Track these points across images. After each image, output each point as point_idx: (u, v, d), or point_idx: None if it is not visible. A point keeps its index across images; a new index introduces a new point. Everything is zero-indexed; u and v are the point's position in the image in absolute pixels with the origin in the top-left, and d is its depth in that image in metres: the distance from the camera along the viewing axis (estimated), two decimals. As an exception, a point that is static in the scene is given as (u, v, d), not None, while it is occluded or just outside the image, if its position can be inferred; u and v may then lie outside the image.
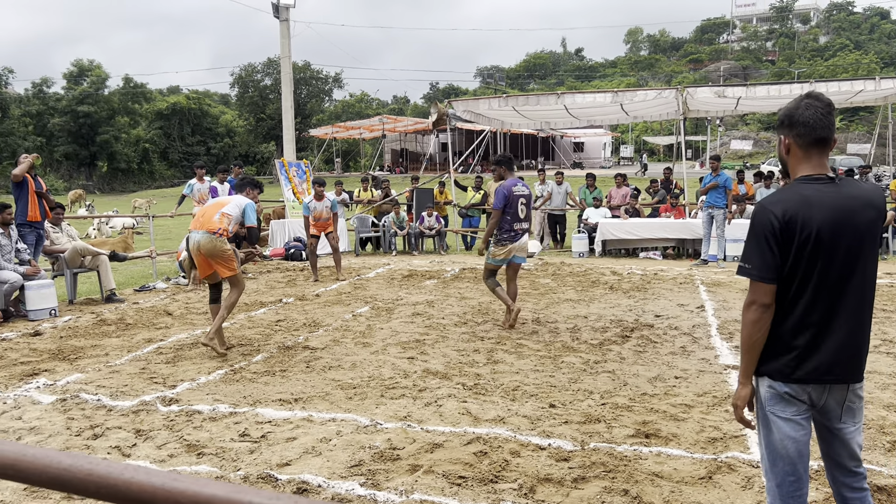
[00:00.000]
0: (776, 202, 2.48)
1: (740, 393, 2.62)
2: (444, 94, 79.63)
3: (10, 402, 5.22)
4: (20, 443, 1.00)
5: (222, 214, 6.53)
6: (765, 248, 2.45)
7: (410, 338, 7.14)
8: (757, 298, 2.49)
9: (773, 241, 2.44)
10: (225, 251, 6.46)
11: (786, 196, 2.49)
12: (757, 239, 2.48)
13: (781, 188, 2.64)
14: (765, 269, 2.46)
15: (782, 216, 2.43)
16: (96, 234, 19.65)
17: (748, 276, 2.51)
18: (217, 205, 6.73)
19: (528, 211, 7.64)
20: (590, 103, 15.37)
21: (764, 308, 2.49)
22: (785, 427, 2.52)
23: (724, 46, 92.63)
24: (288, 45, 18.52)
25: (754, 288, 2.49)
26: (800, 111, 2.54)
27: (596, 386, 5.42)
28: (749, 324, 2.51)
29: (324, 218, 11.55)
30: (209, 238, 6.41)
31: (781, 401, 2.52)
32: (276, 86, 51.96)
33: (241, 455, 4.13)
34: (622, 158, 55.65)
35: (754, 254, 2.49)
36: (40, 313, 8.47)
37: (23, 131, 53.88)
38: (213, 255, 6.44)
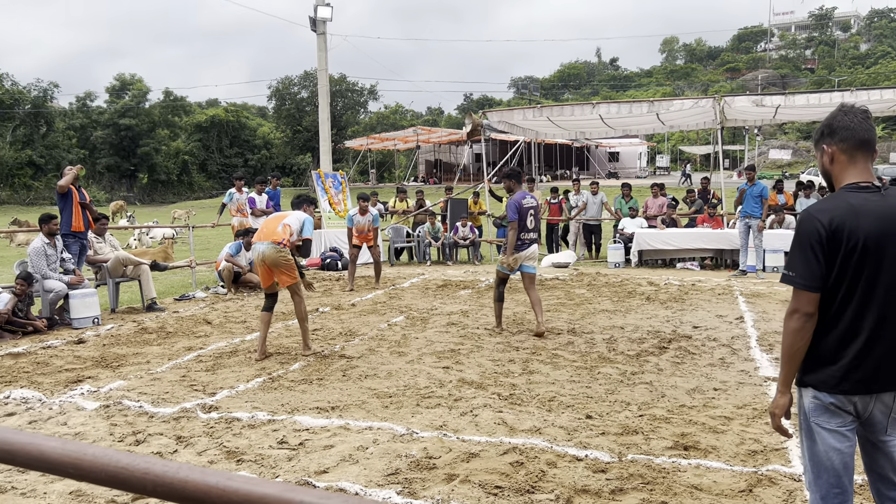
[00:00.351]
0: (823, 210, 2.45)
1: (779, 402, 2.59)
2: (478, 105, 79.84)
3: (55, 407, 5.34)
4: (81, 442, 1.04)
5: (284, 226, 6.91)
6: (810, 257, 2.43)
7: (445, 347, 7.16)
8: (800, 307, 2.46)
9: (818, 249, 2.41)
10: (287, 261, 6.81)
11: (832, 204, 2.46)
12: (802, 247, 2.46)
13: (828, 196, 2.60)
14: (809, 277, 2.43)
15: (829, 224, 2.40)
16: (137, 245, 20.03)
17: (792, 283, 2.48)
18: (278, 217, 7.11)
19: (535, 222, 8.00)
20: (626, 113, 15.29)
21: (807, 317, 2.45)
22: (830, 438, 2.48)
23: (761, 55, 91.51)
24: (325, 58, 18.74)
25: (798, 296, 2.46)
26: (838, 119, 2.53)
27: (633, 397, 5.38)
28: (791, 332, 2.48)
29: (366, 231, 11.99)
30: (273, 248, 6.75)
31: (826, 412, 2.49)
32: (313, 98, 52.60)
33: (280, 462, 4.18)
34: (658, 168, 55.16)
35: (799, 262, 2.46)
36: (84, 321, 8.66)
37: (67, 144, 55.22)
38: (276, 264, 6.78)
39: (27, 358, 7.04)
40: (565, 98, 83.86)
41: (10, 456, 1.05)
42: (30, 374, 6.37)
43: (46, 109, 54.96)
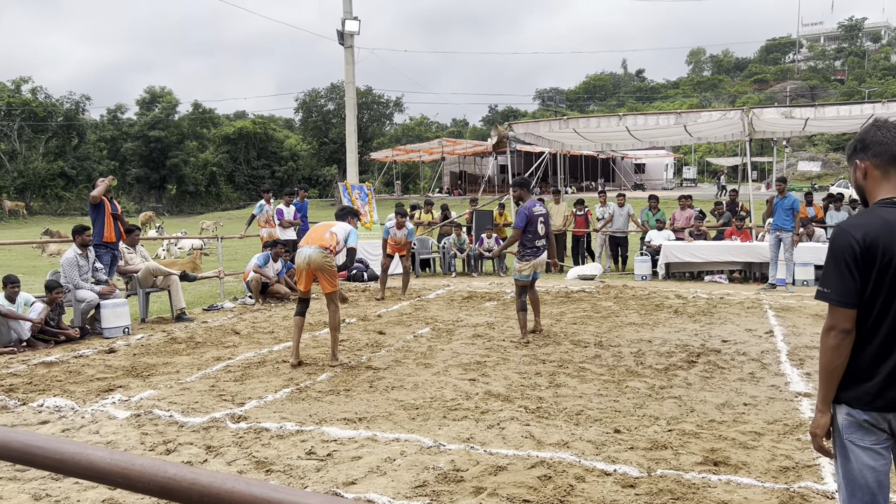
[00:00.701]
0: (856, 225, 2.43)
1: (819, 421, 2.54)
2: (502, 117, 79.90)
3: (87, 416, 5.42)
4: (129, 453, 1.07)
5: (332, 234, 7.15)
6: (844, 273, 2.40)
7: (471, 359, 7.16)
8: (836, 324, 2.43)
9: (853, 265, 2.38)
10: (332, 266, 7.05)
11: (866, 220, 2.44)
12: (836, 263, 2.43)
13: (861, 211, 2.58)
14: (845, 293, 2.40)
15: (863, 240, 2.38)
16: (165, 255, 20.27)
17: (827, 300, 2.45)
18: (326, 226, 7.37)
19: (546, 229, 8.28)
20: (653, 125, 15.24)
21: (844, 334, 2.42)
22: (864, 456, 2.44)
23: (790, 66, 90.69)
24: (352, 71, 18.89)
25: (834, 313, 2.43)
26: (871, 133, 2.51)
27: (662, 412, 5.34)
28: (828, 350, 2.44)
29: (401, 244, 12.29)
30: (320, 252, 6.96)
31: (860, 429, 2.45)
32: (339, 110, 53.04)
33: (308, 473, 4.20)
34: (685, 180, 54.79)
35: (833, 278, 2.43)
36: (115, 331, 8.78)
37: (98, 155, 56.18)
38: (321, 268, 6.98)
39: (60, 367, 7.15)
40: (591, 110, 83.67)
41: (61, 464, 1.08)
42: (62, 383, 6.47)
43: (78, 122, 56.01)
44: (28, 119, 52.55)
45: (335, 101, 58.27)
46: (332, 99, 59.57)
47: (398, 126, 69.27)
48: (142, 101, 59.53)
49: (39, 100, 54.03)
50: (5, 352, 7.80)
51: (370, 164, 55.83)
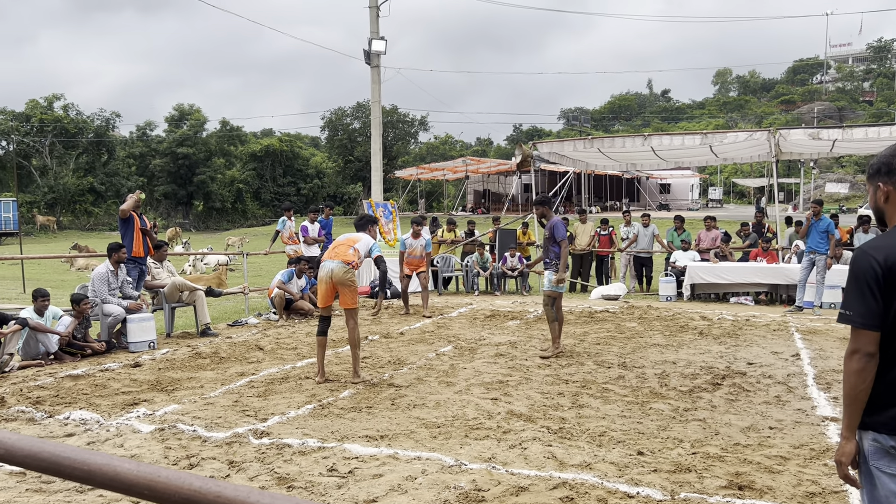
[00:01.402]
0: (878, 247, 2.41)
1: (844, 448, 2.48)
2: (527, 136, 79.98)
3: (112, 429, 5.47)
4: (155, 465, 1.08)
5: (354, 250, 7.23)
6: (867, 295, 2.37)
7: (494, 378, 7.13)
8: (860, 347, 2.39)
9: (875, 287, 2.36)
10: (353, 281, 7.13)
11: (887, 242, 2.42)
12: (858, 285, 2.40)
13: (884, 233, 2.55)
14: (868, 315, 2.37)
15: (884, 262, 2.36)
16: (191, 271, 20.48)
17: (850, 323, 2.41)
18: (349, 241, 7.37)
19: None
20: (678, 145, 15.17)
21: (868, 357, 2.38)
22: (890, 483, 2.39)
23: (817, 87, 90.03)
24: (378, 91, 19.06)
25: (857, 336, 2.40)
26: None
27: (686, 434, 5.28)
28: (853, 374, 2.40)
29: (416, 255, 12.05)
30: (343, 267, 7.04)
31: (886, 455, 2.40)
32: (365, 129, 53.43)
33: (330, 490, 4.20)
34: (711, 200, 54.41)
35: (856, 300, 2.40)
36: (140, 345, 8.87)
37: (127, 171, 57.06)
38: (342, 283, 7.03)
39: (86, 380, 7.23)
40: (616, 130, 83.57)
41: (88, 475, 1.10)
42: (88, 396, 6.54)
43: (108, 138, 56.98)
44: (59, 135, 53.56)
45: (361, 119, 58.75)
46: (357, 117, 60.06)
47: (423, 144, 69.58)
48: (171, 118, 60.44)
49: (71, 116, 55.07)
50: (33, 364, 7.91)
51: (395, 182, 56.11)
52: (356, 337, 7.14)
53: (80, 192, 53.34)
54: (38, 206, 50.53)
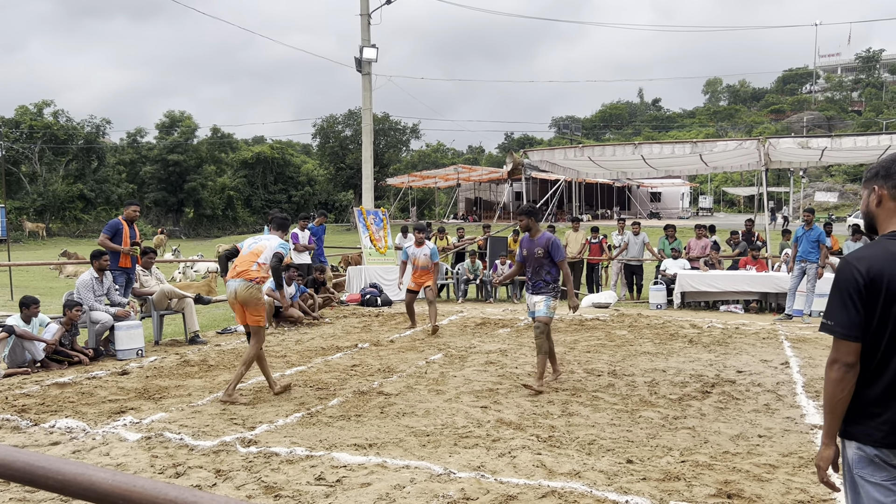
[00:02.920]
0: (861, 258, 2.42)
1: (823, 454, 2.52)
2: (518, 144, 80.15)
3: (98, 438, 5.42)
4: (131, 474, 1.06)
5: (259, 265, 6.76)
6: (849, 305, 2.39)
7: (483, 386, 7.11)
8: (840, 357, 2.41)
9: (857, 297, 2.37)
10: (258, 300, 6.73)
11: (871, 252, 2.43)
12: (841, 295, 2.42)
13: (867, 244, 2.56)
14: (849, 326, 2.39)
15: (867, 273, 2.36)
16: (181, 278, 20.38)
17: (831, 332, 2.44)
18: (253, 255, 6.85)
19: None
20: (668, 154, 15.23)
21: (847, 367, 2.40)
22: (874, 492, 2.40)
23: (807, 97, 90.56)
24: (369, 98, 19.06)
25: (837, 346, 2.42)
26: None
27: (675, 442, 5.28)
28: (832, 383, 2.43)
29: (421, 266, 10.96)
30: (245, 285, 6.65)
31: (871, 464, 2.41)
32: (356, 136, 53.38)
33: (317, 499, 4.17)
34: (701, 209, 54.60)
35: (837, 310, 2.42)
36: (128, 353, 8.81)
37: (117, 178, 56.79)
38: (246, 301, 6.66)
39: (73, 388, 7.17)
40: (607, 138, 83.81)
41: (63, 485, 1.08)
42: (75, 404, 6.48)
43: (98, 145, 56.70)
44: (49, 142, 53.28)
45: (352, 127, 58.68)
46: (349, 125, 59.99)
47: (414, 152, 69.60)
48: (161, 125, 60.21)
49: (61, 123, 54.77)
50: (19, 372, 7.83)
51: (386, 189, 56.09)
52: (252, 356, 6.72)
53: (69, 198, 53.03)
54: (27, 213, 50.21)
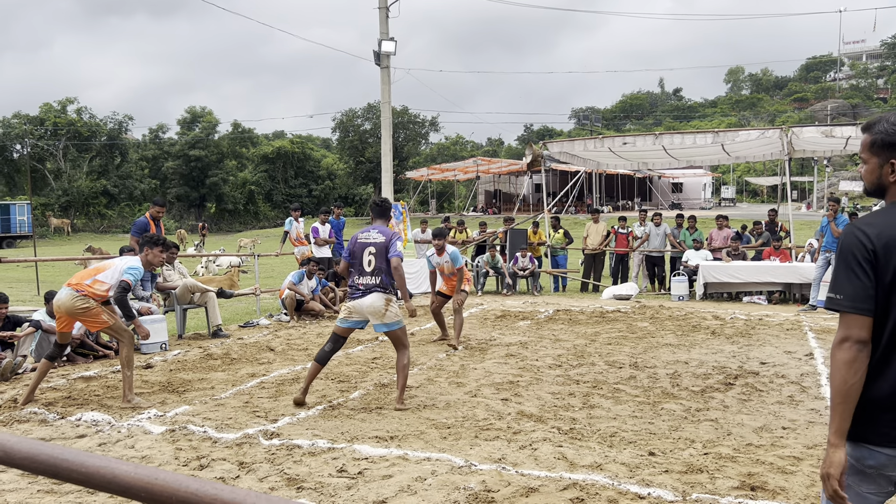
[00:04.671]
0: (870, 223, 2.15)
1: (833, 459, 2.11)
2: (538, 136, 79.85)
3: (123, 430, 5.49)
4: (153, 467, 1.07)
5: (95, 280, 6.33)
6: (858, 274, 2.09)
7: (504, 379, 7.11)
8: (850, 333, 2.09)
9: (866, 265, 2.09)
10: (84, 308, 6.25)
11: (881, 219, 2.17)
12: (847, 265, 2.12)
13: (878, 210, 2.29)
14: (858, 298, 2.08)
15: (877, 238, 2.10)
16: (203, 272, 20.55)
17: (839, 308, 2.12)
18: (100, 267, 6.51)
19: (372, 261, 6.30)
20: (690, 144, 15.10)
21: (860, 345, 2.08)
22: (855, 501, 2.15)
23: (830, 85, 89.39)
24: (388, 91, 19.07)
25: (847, 322, 2.10)
26: None
27: (698, 434, 5.25)
28: (843, 365, 2.09)
29: (447, 273, 9.57)
30: (71, 294, 6.25)
31: (859, 474, 2.15)
32: (376, 130, 53.50)
33: (339, 491, 4.20)
34: (723, 199, 54.14)
35: (844, 282, 2.12)
36: (152, 347, 8.89)
37: (139, 174, 57.42)
38: (71, 312, 6.28)
39: (98, 382, 7.26)
40: (627, 129, 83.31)
41: (86, 478, 1.09)
42: (100, 398, 6.56)
43: (121, 141, 57.33)
44: (73, 138, 53.93)
45: (372, 120, 58.85)
46: (368, 119, 60.15)
47: (433, 145, 69.63)
48: (183, 120, 60.75)
49: (84, 120, 55.46)
50: (46, 366, 7.93)
51: (405, 182, 56.18)
52: (126, 356, 6.39)
53: (93, 194, 53.70)
54: (52, 209, 50.88)
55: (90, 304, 6.25)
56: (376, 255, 6.21)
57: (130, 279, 6.31)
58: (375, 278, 6.19)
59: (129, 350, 6.45)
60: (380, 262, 6.19)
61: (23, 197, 48.73)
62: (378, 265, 6.20)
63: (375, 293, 6.16)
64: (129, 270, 6.35)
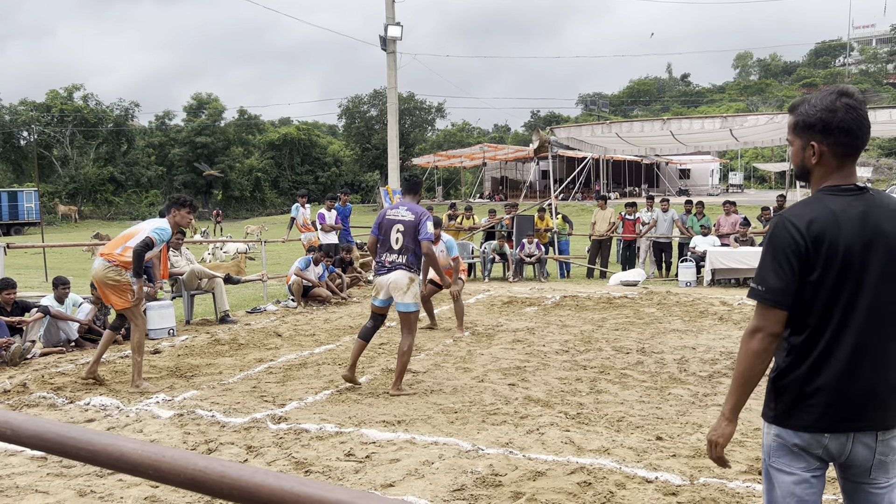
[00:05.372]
0: (800, 215, 2.14)
1: (724, 430, 2.28)
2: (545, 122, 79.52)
3: (132, 415, 5.51)
4: (159, 445, 1.06)
5: (125, 248, 6.36)
6: (785, 268, 2.11)
7: (511, 364, 7.11)
8: (766, 326, 2.15)
9: (794, 260, 2.10)
10: (116, 281, 6.28)
11: (810, 209, 2.15)
12: (774, 257, 2.14)
13: (804, 200, 2.26)
14: (780, 292, 2.12)
15: (808, 232, 2.10)
16: (211, 259, 20.59)
17: (760, 299, 2.16)
18: (128, 235, 6.53)
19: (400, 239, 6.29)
20: (697, 129, 15.03)
21: (772, 338, 2.15)
22: (789, 484, 2.20)
23: (840, 70, 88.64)
24: (394, 77, 19.02)
25: (763, 313, 2.15)
26: (839, 116, 2.16)
27: (705, 419, 5.24)
28: (751, 354, 2.17)
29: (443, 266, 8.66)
30: (102, 265, 6.31)
31: (789, 453, 2.20)
32: (382, 116, 53.44)
33: (347, 474, 4.21)
34: (731, 185, 53.88)
35: (769, 274, 2.14)
36: (160, 332, 8.92)
37: (146, 161, 57.52)
38: (103, 283, 6.31)
39: (106, 367, 7.29)
40: (634, 114, 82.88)
41: (93, 455, 1.09)
42: (108, 383, 6.59)
43: (127, 128, 57.39)
44: (80, 125, 54.01)
45: (378, 107, 58.72)
46: (374, 105, 60.00)
47: (440, 132, 69.45)
48: (189, 107, 60.72)
49: (90, 106, 55.49)
50: (54, 351, 7.99)
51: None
52: (136, 341, 6.40)
53: (100, 181, 53.84)
54: (59, 196, 51.05)
55: (121, 278, 6.28)
56: (404, 233, 6.18)
57: (155, 237, 6.33)
58: (402, 256, 6.17)
59: (141, 336, 6.48)
60: (407, 241, 6.17)
61: (30, 184, 48.88)
62: (405, 244, 6.17)
63: (400, 270, 6.15)
64: (156, 230, 6.39)
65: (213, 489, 1.00)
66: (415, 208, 6.29)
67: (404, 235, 6.15)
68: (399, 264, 6.15)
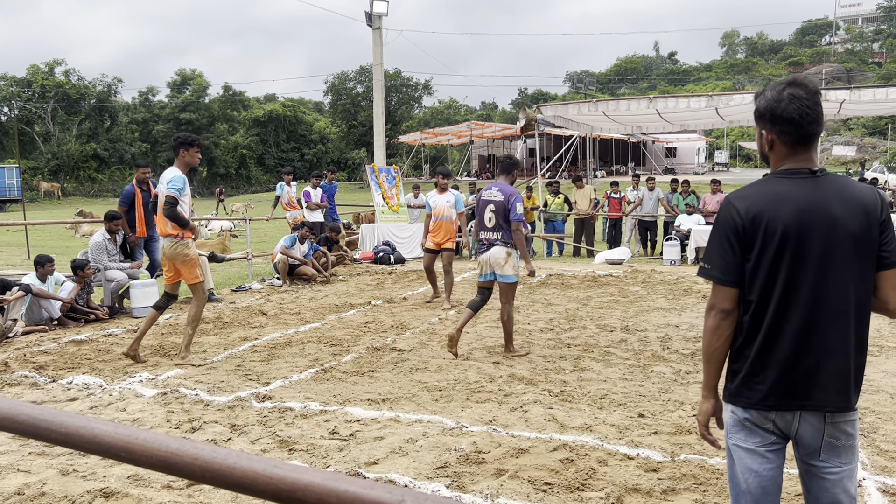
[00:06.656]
0: (742, 197, 2.23)
1: (702, 407, 2.37)
2: (532, 100, 79.28)
3: (115, 394, 5.50)
4: (133, 426, 1.06)
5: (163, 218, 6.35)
6: (726, 248, 2.21)
7: (496, 342, 7.14)
8: (716, 303, 2.25)
9: (734, 239, 2.19)
10: (186, 254, 6.35)
11: (754, 190, 2.24)
12: (718, 237, 2.24)
13: (753, 182, 2.34)
14: (725, 270, 2.21)
15: (745, 213, 2.18)
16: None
17: (708, 277, 2.26)
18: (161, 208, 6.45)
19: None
20: (683, 107, 15.04)
21: (724, 314, 2.24)
22: (746, 459, 2.26)
23: (826, 49, 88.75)
24: (380, 53, 18.86)
25: (714, 291, 2.26)
26: (782, 106, 2.21)
27: (687, 396, 5.29)
28: (708, 331, 2.28)
29: (444, 217, 9.52)
30: (169, 242, 6.34)
31: (743, 429, 2.26)
32: (368, 93, 53.03)
33: (331, 452, 4.22)
34: (717, 164, 54.02)
35: (715, 254, 2.25)
36: (144, 311, 8.85)
37: (129, 138, 56.95)
38: (174, 258, 6.36)
39: (89, 345, 7.26)
40: (622, 92, 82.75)
41: (66, 438, 1.08)
42: (91, 361, 6.56)
43: (110, 104, 56.72)
44: (61, 101, 53.32)
45: (364, 83, 58.31)
46: (360, 82, 59.60)
47: (427, 109, 69.10)
48: (173, 83, 60.07)
49: (72, 82, 54.76)
50: (37, 330, 7.94)
51: (398, 147, 55.85)
52: (194, 314, 6.51)
53: (83, 158, 53.27)
54: (41, 173, 50.49)
55: (189, 252, 6.37)
56: (496, 212, 6.60)
57: (175, 192, 6.30)
58: (496, 234, 6.64)
59: (199, 309, 6.58)
60: (499, 220, 6.60)
61: (11, 161, 48.24)
62: (498, 222, 6.62)
63: (497, 246, 6.63)
64: (169, 185, 6.35)
65: (186, 471, 0.99)
66: (505, 189, 6.66)
67: (496, 214, 6.59)
68: (495, 241, 6.64)
